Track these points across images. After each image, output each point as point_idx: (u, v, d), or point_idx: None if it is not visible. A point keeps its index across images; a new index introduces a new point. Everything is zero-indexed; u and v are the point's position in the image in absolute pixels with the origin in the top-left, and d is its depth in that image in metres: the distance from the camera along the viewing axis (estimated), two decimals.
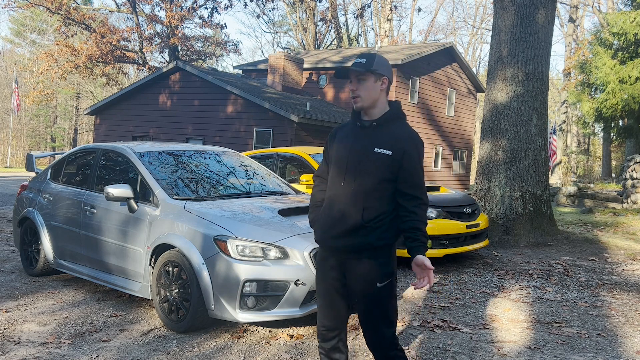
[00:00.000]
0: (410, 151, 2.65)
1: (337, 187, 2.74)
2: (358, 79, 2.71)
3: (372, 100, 2.72)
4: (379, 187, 2.64)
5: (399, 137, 2.67)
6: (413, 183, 2.64)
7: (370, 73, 2.69)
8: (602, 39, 21.03)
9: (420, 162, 2.68)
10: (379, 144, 2.66)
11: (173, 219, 4.44)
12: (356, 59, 2.74)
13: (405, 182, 2.64)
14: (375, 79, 2.71)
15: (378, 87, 2.72)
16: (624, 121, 20.85)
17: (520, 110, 8.70)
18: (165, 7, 28.46)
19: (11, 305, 4.88)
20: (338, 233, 2.70)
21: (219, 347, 3.98)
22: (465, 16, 60.75)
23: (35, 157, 6.65)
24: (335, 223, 2.71)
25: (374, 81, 2.71)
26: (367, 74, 2.70)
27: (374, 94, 2.71)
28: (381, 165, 2.64)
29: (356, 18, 22.35)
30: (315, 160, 7.67)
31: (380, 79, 2.72)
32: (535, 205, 8.65)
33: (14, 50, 47.45)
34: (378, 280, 2.67)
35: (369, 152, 2.67)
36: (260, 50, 63.59)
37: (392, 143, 2.65)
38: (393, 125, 2.73)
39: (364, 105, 2.73)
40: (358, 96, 2.72)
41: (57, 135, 46.16)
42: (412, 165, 2.64)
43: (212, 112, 18.68)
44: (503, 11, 8.90)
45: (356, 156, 2.69)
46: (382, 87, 2.72)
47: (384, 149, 2.64)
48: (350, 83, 2.75)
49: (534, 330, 4.48)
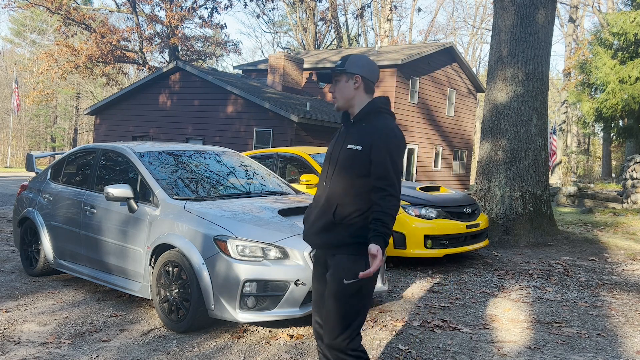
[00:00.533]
0: (378, 143, 2.63)
1: (320, 185, 2.83)
2: (334, 80, 2.80)
3: (346, 100, 2.77)
4: (355, 184, 2.66)
5: (369, 131, 2.69)
6: (379, 175, 2.61)
7: (342, 73, 2.76)
8: (602, 39, 21.03)
9: (388, 154, 2.62)
10: (351, 140, 2.70)
11: (173, 219, 4.44)
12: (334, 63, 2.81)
13: (374, 174, 2.63)
14: (347, 78, 2.76)
15: (351, 86, 2.75)
16: (624, 121, 20.86)
17: (520, 110, 8.70)
18: (165, 7, 28.46)
19: (11, 305, 4.88)
20: (315, 230, 2.76)
21: (219, 347, 3.98)
22: (465, 16, 60.78)
23: (35, 157, 6.65)
24: (314, 220, 2.78)
25: (345, 81, 2.76)
26: (340, 75, 2.77)
27: (347, 93, 2.76)
28: (353, 162, 2.66)
29: (356, 18, 22.35)
30: (315, 160, 7.67)
31: (353, 78, 2.75)
32: (535, 205, 8.65)
33: (14, 50, 47.49)
34: (345, 277, 2.64)
35: (343, 149, 2.72)
36: (260, 50, 63.65)
37: (362, 138, 2.67)
38: (368, 121, 2.74)
39: (339, 106, 2.81)
40: (335, 97, 2.81)
41: (57, 135, 46.17)
42: (379, 157, 2.61)
43: (212, 112, 18.68)
44: (503, 11, 8.90)
45: (334, 155, 2.77)
46: (356, 85, 2.75)
47: (354, 144, 2.68)
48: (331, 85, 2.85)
49: (534, 330, 4.48)
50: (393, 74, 20.35)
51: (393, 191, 2.61)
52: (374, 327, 4.45)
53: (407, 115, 21.28)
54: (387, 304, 5.10)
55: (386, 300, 5.26)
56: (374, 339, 4.19)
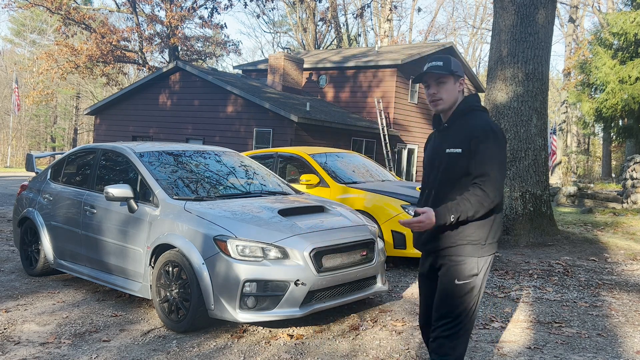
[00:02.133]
0: (477, 143, 2.62)
1: (424, 193, 2.86)
2: (438, 82, 2.73)
3: (452, 102, 2.76)
4: (461, 186, 2.66)
5: (466, 131, 2.68)
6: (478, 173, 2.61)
7: (450, 75, 2.72)
8: (602, 39, 21.02)
9: (490, 150, 2.61)
10: (449, 144, 2.70)
11: (173, 219, 4.44)
12: (431, 63, 2.74)
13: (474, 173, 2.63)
14: (455, 80, 2.75)
15: (457, 89, 2.76)
16: (624, 121, 20.84)
17: (520, 110, 8.70)
18: (165, 7, 28.46)
19: (11, 305, 4.88)
20: (427, 237, 2.77)
21: (219, 347, 3.98)
22: (465, 16, 60.78)
23: (35, 157, 6.65)
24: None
25: (453, 83, 2.74)
26: (447, 77, 2.73)
27: (454, 95, 2.76)
28: (455, 165, 2.66)
29: (356, 18, 22.35)
30: (315, 160, 7.66)
31: (459, 80, 2.76)
32: (535, 205, 8.65)
33: (14, 50, 47.47)
34: (457, 278, 2.69)
35: (443, 154, 2.72)
36: (260, 50, 63.59)
37: (461, 140, 2.67)
38: (465, 120, 2.73)
39: (445, 108, 2.76)
40: (440, 99, 2.74)
41: (57, 135, 46.16)
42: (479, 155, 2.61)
43: (212, 112, 18.68)
44: (503, 11, 8.90)
45: (435, 162, 2.77)
46: (460, 88, 2.77)
47: (453, 147, 2.68)
48: (428, 87, 2.76)
49: (534, 330, 4.48)
50: (393, 74, 20.35)
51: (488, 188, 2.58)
52: (374, 327, 4.45)
53: (407, 115, 21.28)
54: (387, 304, 5.10)
55: (386, 300, 5.26)
56: (374, 339, 4.19)
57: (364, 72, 21.01)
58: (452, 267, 2.70)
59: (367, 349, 3.98)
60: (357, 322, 4.55)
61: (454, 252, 2.69)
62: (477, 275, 2.70)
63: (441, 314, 2.72)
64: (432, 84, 2.74)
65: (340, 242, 4.40)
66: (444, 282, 2.72)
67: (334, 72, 21.82)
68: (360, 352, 3.92)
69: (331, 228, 4.53)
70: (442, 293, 2.73)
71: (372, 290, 4.68)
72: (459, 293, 2.69)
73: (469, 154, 2.63)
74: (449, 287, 2.70)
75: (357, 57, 21.84)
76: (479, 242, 2.69)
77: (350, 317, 4.69)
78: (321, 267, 4.20)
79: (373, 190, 6.96)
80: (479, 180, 2.60)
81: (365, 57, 21.72)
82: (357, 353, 3.91)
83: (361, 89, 21.14)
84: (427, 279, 2.91)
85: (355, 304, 4.98)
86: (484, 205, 2.59)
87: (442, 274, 2.74)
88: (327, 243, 4.29)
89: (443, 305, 2.72)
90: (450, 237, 2.69)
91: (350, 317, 4.68)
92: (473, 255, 2.69)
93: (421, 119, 22.22)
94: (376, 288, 4.73)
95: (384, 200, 6.72)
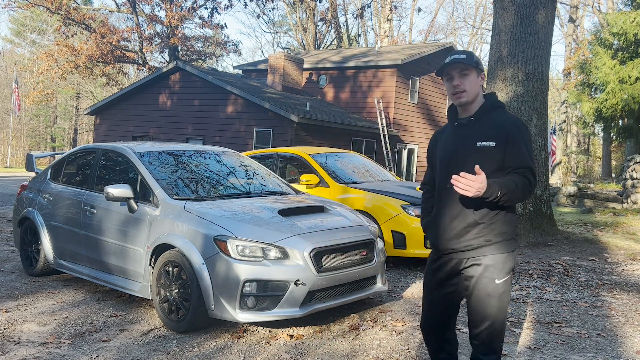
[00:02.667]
0: (515, 137, 2.64)
1: (444, 189, 2.74)
2: (462, 74, 2.73)
3: (475, 95, 2.76)
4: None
5: (500, 126, 2.68)
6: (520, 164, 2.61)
7: (474, 68, 2.73)
8: (602, 39, 21.02)
9: (525, 146, 2.64)
10: (481, 137, 2.67)
11: (173, 219, 4.44)
12: (455, 56, 2.74)
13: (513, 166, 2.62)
14: (478, 73, 2.76)
15: (479, 82, 2.76)
16: (624, 121, 20.84)
17: (520, 110, 8.70)
18: (165, 7, 28.45)
19: (11, 305, 4.88)
20: (453, 235, 2.70)
21: (219, 347, 3.98)
22: (465, 16, 60.78)
23: (35, 157, 6.65)
24: (449, 225, 2.71)
25: (476, 76, 2.75)
26: (471, 69, 2.73)
27: (477, 88, 2.76)
28: (486, 158, 2.63)
29: (356, 18, 22.35)
30: (315, 160, 7.66)
31: (481, 74, 2.77)
32: (535, 205, 8.65)
33: (14, 50, 47.47)
34: (497, 277, 2.65)
35: (472, 147, 2.68)
36: (260, 50, 63.58)
37: (494, 134, 2.66)
38: (491, 115, 2.74)
39: (468, 100, 2.75)
40: (463, 91, 2.73)
41: (57, 135, 46.16)
42: (518, 150, 2.62)
43: (212, 112, 18.68)
44: (503, 11, 8.90)
45: (460, 155, 2.71)
46: (481, 82, 2.78)
47: (486, 141, 2.65)
48: (450, 79, 2.75)
49: (534, 330, 4.48)
50: (393, 74, 20.35)
51: (532, 178, 2.60)
52: (374, 327, 4.45)
53: (407, 115, 21.28)
54: (387, 304, 5.10)
55: (386, 300, 5.26)
56: (374, 339, 4.19)
57: (364, 72, 21.01)
58: (491, 266, 2.65)
59: (367, 349, 3.98)
60: (357, 322, 4.55)
61: (492, 250, 2.65)
62: (514, 269, 2.73)
63: (484, 316, 2.67)
64: (456, 76, 2.73)
65: (340, 242, 4.40)
66: (483, 283, 2.65)
67: (334, 72, 21.82)
68: (360, 352, 3.92)
69: (331, 228, 4.53)
70: (481, 295, 2.66)
71: (372, 290, 4.68)
72: (499, 291, 2.65)
73: (503, 148, 2.63)
74: (489, 287, 2.65)
75: (357, 57, 21.84)
76: (512, 236, 2.69)
77: (350, 317, 4.69)
78: (321, 267, 4.20)
79: (373, 190, 6.96)
80: (520, 171, 2.60)
81: (365, 57, 21.72)
82: (357, 353, 3.91)
83: (361, 89, 21.14)
84: (442, 286, 2.81)
85: (355, 304, 4.98)
86: (527, 192, 2.60)
87: (479, 275, 2.66)
88: (327, 243, 4.29)
89: (485, 307, 2.66)
90: (484, 235, 2.65)
91: (350, 317, 4.68)
92: (509, 251, 2.68)
93: (421, 119, 22.22)
94: (376, 288, 4.73)
95: (384, 200, 6.71)
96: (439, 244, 2.77)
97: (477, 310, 2.69)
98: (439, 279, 2.82)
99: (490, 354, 2.71)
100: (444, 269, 2.79)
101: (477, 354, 2.74)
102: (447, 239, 2.72)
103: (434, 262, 2.85)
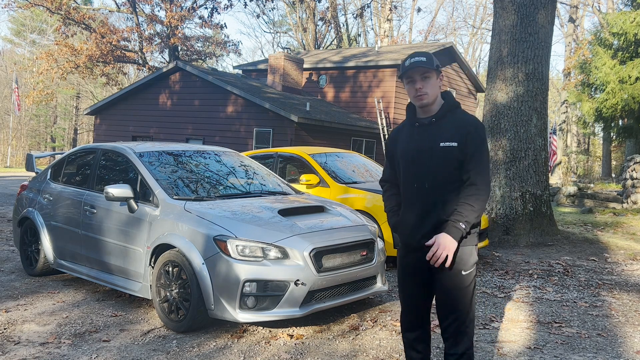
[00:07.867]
0: (473, 137, 2.73)
1: (411, 188, 2.83)
2: (423, 77, 2.79)
3: (436, 96, 2.82)
4: (454, 179, 2.74)
5: (460, 126, 2.76)
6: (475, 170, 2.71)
7: (434, 70, 2.79)
8: (602, 39, 21.01)
9: (483, 147, 2.75)
10: (443, 137, 2.75)
11: (173, 219, 4.44)
12: (415, 58, 2.78)
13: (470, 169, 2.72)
14: (437, 75, 2.82)
15: (439, 84, 2.83)
16: (624, 121, 20.83)
17: (520, 110, 8.70)
18: (165, 7, 28.45)
19: (11, 305, 4.88)
20: (424, 232, 2.78)
21: (219, 347, 3.98)
22: (465, 16, 60.76)
23: (35, 157, 6.65)
24: (418, 222, 2.79)
25: (436, 77, 2.81)
26: (431, 71, 2.78)
27: (437, 90, 2.83)
28: (449, 158, 2.72)
29: (356, 18, 22.36)
30: (315, 160, 7.66)
31: (439, 76, 2.83)
32: (535, 205, 8.65)
33: (14, 50, 47.46)
34: (463, 268, 2.75)
35: (436, 147, 2.75)
36: (260, 50, 63.59)
37: (455, 134, 2.74)
38: (452, 116, 2.81)
39: (429, 102, 2.81)
40: (425, 93, 2.79)
41: (57, 135, 46.15)
42: (475, 151, 2.72)
43: (212, 112, 18.67)
44: (503, 11, 8.90)
45: (424, 155, 2.78)
46: (440, 83, 2.84)
47: (448, 141, 2.73)
48: (412, 82, 2.80)
49: (534, 330, 4.48)
50: (393, 74, 20.35)
51: (485, 188, 2.71)
52: (374, 327, 4.45)
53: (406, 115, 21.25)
54: (387, 304, 5.10)
55: (386, 300, 5.26)
56: (374, 339, 4.19)
57: (364, 72, 21.01)
58: (458, 257, 2.73)
59: (367, 349, 3.98)
60: (357, 322, 4.55)
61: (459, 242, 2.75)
62: (477, 262, 2.82)
63: (451, 308, 2.76)
64: (418, 79, 2.79)
65: (340, 242, 4.40)
66: (450, 275, 2.75)
67: (334, 72, 21.81)
68: (360, 352, 3.92)
69: (331, 228, 4.53)
70: (448, 286, 2.76)
71: (372, 290, 4.68)
72: (465, 283, 2.76)
73: (463, 148, 2.72)
74: (456, 279, 2.75)
75: (357, 57, 21.84)
76: (475, 230, 2.79)
77: (350, 317, 4.69)
78: (321, 267, 4.20)
79: (373, 190, 6.95)
80: (472, 179, 2.71)
81: (365, 57, 21.71)
82: (357, 353, 3.91)
83: (361, 89, 21.14)
84: (412, 276, 2.90)
85: (355, 304, 4.98)
86: (483, 201, 2.71)
87: (446, 267, 2.74)
88: (327, 243, 4.29)
89: (452, 298, 2.76)
90: None
91: (350, 317, 4.68)
92: (473, 244, 2.79)
93: None
94: (376, 288, 4.73)
95: None
96: (411, 242, 2.86)
97: (445, 303, 2.79)
98: (407, 272, 2.92)
99: (459, 345, 2.76)
100: (415, 265, 2.88)
101: (448, 349, 2.81)
102: (418, 237, 2.81)
103: (404, 258, 2.93)
